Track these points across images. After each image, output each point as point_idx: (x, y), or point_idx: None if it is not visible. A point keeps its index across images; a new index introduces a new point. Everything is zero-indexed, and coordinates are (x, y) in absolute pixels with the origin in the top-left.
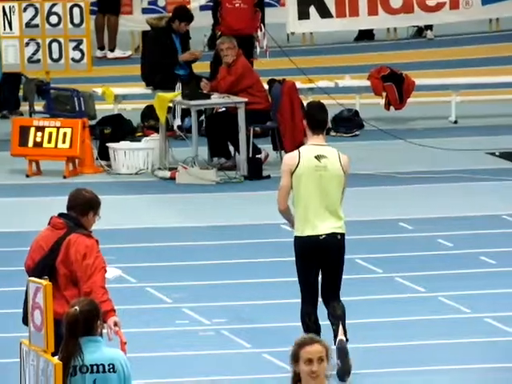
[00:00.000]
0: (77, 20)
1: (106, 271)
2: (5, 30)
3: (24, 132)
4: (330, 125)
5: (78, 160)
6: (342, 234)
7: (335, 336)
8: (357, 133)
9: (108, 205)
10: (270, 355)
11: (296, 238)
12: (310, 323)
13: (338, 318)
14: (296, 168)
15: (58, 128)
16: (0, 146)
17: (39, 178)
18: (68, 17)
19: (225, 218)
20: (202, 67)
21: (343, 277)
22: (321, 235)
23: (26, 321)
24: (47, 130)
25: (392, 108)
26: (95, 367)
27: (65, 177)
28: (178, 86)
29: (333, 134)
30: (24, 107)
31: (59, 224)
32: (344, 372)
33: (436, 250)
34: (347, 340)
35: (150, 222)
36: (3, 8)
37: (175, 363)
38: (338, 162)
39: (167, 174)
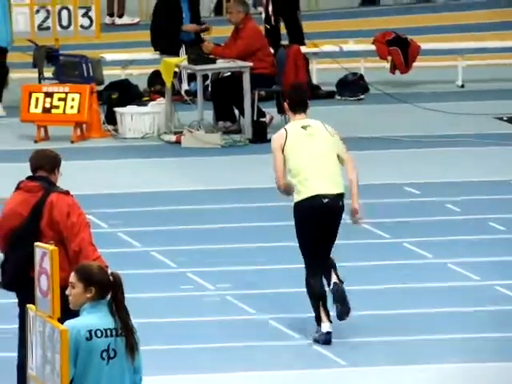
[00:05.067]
0: None
1: (90, 227)
2: None
3: (33, 98)
4: (334, 89)
5: (85, 125)
6: (342, 195)
7: (328, 283)
8: (362, 96)
9: (115, 169)
10: (275, 321)
11: (296, 203)
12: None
13: (328, 268)
14: (285, 142)
15: (67, 93)
16: (9, 111)
17: (47, 143)
18: None
19: (230, 181)
20: (214, 32)
21: (348, 242)
22: (323, 196)
23: (3, 284)
24: (56, 96)
25: (397, 72)
26: (109, 331)
27: (72, 142)
28: (182, 50)
29: (338, 97)
30: (34, 74)
31: (34, 187)
32: (343, 312)
33: (443, 215)
34: (342, 282)
35: (156, 185)
36: None
37: (180, 329)
38: (324, 129)
39: (173, 137)
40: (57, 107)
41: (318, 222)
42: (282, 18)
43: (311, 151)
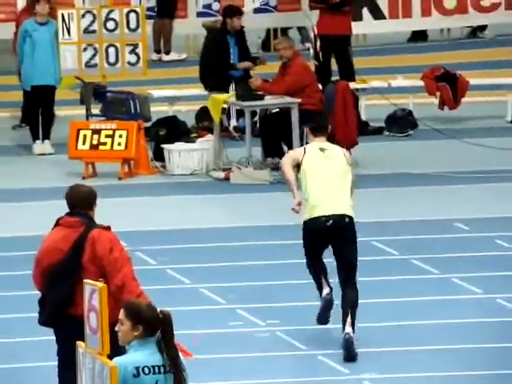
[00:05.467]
0: (133, 25)
1: (132, 262)
2: (63, 36)
3: (81, 135)
4: (383, 125)
5: (133, 161)
6: (351, 218)
7: (343, 325)
8: (410, 132)
9: (163, 205)
10: (325, 357)
11: (305, 221)
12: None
13: (348, 305)
14: (303, 159)
15: (114, 130)
16: (57, 148)
17: (95, 180)
18: (124, 22)
19: (279, 217)
20: (260, 69)
21: (400, 277)
22: (328, 217)
23: (41, 321)
24: (103, 133)
25: (446, 108)
26: (157, 368)
27: (120, 178)
28: (232, 87)
29: (386, 133)
30: (81, 110)
31: (75, 223)
32: (349, 359)
33: (493, 251)
34: (354, 331)
35: (205, 222)
36: (62, 15)
37: (229, 365)
38: (342, 154)
39: (222, 174)
40: (104, 144)
41: (324, 242)
42: (333, 53)
43: (326, 173)
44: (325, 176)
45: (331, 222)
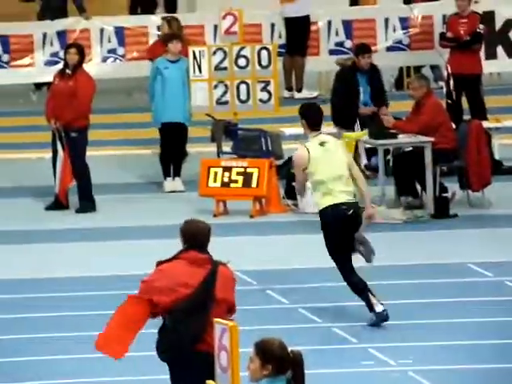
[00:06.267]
0: (264, 62)
1: None
2: (194, 73)
3: (212, 172)
4: None
5: (264, 199)
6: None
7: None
8: None
9: (295, 244)
10: None
11: (321, 210)
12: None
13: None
14: (309, 161)
15: (245, 168)
16: (188, 186)
17: (226, 218)
18: (256, 59)
19: (413, 256)
20: (393, 107)
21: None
22: (343, 204)
23: (166, 356)
24: (234, 170)
25: None
26: None
27: (252, 216)
28: (357, 125)
29: None
30: (212, 148)
31: (203, 260)
32: (368, 253)
33: None
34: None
35: None
36: (193, 52)
37: None
38: (339, 144)
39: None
40: (235, 181)
41: (342, 228)
42: (464, 92)
43: (330, 165)
44: (330, 169)
45: (346, 207)
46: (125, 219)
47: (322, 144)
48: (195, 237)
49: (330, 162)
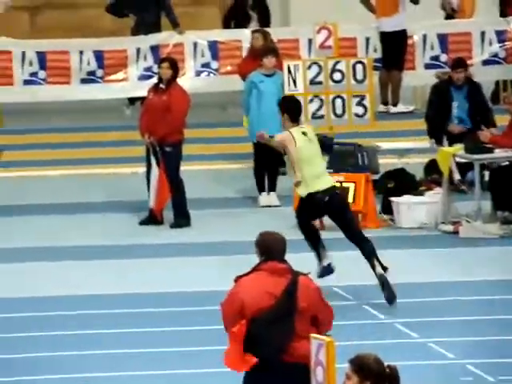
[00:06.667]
0: (359, 76)
1: None
2: (289, 87)
3: None
4: None
5: (361, 214)
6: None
7: (374, 270)
8: None
9: (391, 259)
10: None
11: (304, 195)
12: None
13: (368, 255)
14: (295, 142)
15: (341, 183)
16: (283, 200)
17: (323, 233)
18: (351, 73)
19: (508, 271)
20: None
21: None
22: (323, 191)
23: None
24: None
25: None
26: None
27: None
28: (445, 139)
29: None
30: None
31: (283, 270)
32: (390, 298)
33: None
34: (385, 269)
35: (433, 275)
36: (288, 66)
37: None
38: (315, 134)
39: (451, 227)
40: None
41: (321, 212)
42: None
43: (311, 153)
44: (311, 157)
45: (324, 194)
46: (220, 234)
47: (304, 133)
48: (272, 248)
49: (310, 150)
